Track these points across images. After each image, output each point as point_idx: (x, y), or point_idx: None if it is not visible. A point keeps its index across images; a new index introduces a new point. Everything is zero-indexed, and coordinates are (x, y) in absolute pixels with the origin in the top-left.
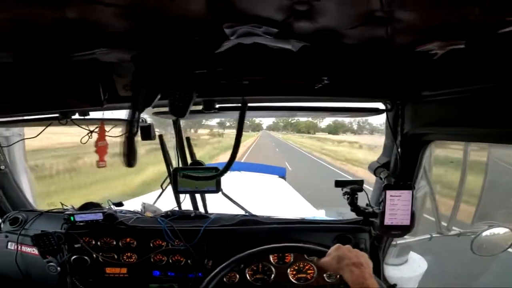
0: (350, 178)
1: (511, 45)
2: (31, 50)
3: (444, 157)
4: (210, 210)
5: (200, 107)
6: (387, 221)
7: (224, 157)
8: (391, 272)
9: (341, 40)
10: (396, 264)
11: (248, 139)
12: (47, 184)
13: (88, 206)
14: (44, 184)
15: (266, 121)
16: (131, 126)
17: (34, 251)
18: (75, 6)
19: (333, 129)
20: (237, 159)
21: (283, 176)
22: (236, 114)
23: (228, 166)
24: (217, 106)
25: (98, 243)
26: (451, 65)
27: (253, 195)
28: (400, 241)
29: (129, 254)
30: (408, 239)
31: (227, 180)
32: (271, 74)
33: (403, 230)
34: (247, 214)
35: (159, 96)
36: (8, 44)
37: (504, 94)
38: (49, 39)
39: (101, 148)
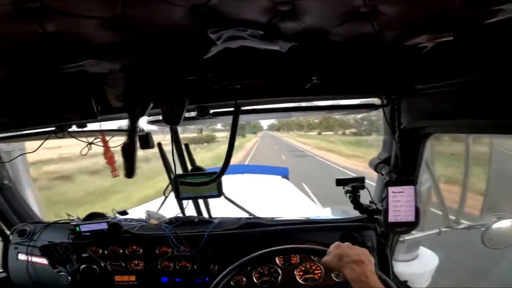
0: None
1: (498, 35)
2: (21, 65)
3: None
4: (215, 214)
5: (194, 113)
6: (391, 218)
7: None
8: (402, 268)
9: (329, 38)
10: (407, 260)
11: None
12: None
13: (93, 216)
14: None
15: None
16: (132, 137)
17: (44, 261)
18: (53, 19)
19: None
20: None
21: (286, 176)
22: (231, 118)
23: (223, 171)
24: (211, 111)
25: (105, 252)
26: (442, 58)
27: (257, 197)
28: (408, 237)
29: (136, 261)
30: (416, 234)
31: (230, 183)
32: (262, 77)
33: (408, 226)
34: (251, 217)
35: (151, 105)
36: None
37: (497, 84)
38: (35, 52)
39: (110, 159)
